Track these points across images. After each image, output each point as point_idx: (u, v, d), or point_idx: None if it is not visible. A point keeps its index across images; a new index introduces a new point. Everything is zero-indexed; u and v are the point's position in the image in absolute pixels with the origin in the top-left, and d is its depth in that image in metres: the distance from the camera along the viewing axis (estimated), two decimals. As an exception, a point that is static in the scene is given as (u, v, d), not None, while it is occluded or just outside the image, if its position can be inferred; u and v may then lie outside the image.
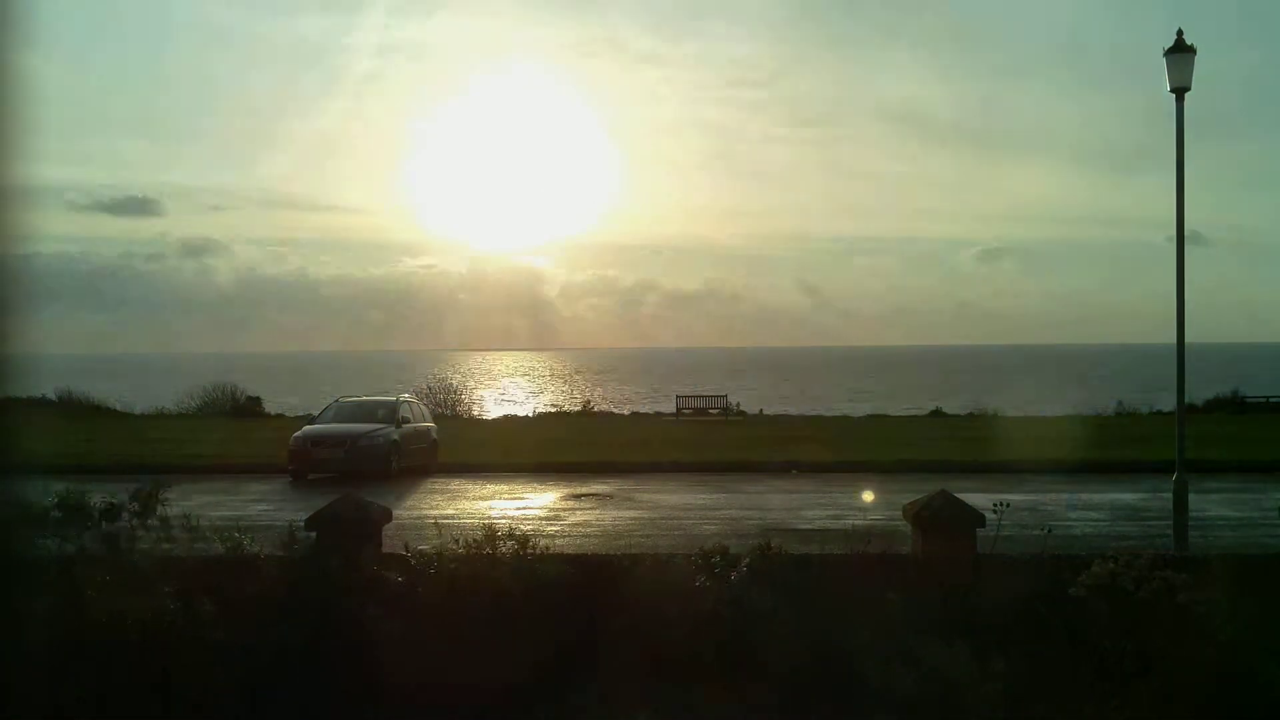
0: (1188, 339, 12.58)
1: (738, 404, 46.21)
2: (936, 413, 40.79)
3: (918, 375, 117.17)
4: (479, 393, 64.63)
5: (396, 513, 11.32)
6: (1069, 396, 51.60)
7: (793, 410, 58.67)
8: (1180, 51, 12.33)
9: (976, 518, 9.59)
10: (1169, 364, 13.02)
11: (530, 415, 45.33)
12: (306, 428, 21.03)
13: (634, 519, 15.17)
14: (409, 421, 21.38)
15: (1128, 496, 16.86)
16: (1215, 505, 15.70)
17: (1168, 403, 24.34)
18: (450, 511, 15.44)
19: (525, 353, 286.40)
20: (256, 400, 44.05)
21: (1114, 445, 23.03)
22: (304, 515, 9.99)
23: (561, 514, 15.72)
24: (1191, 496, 12.65)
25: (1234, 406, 38.89)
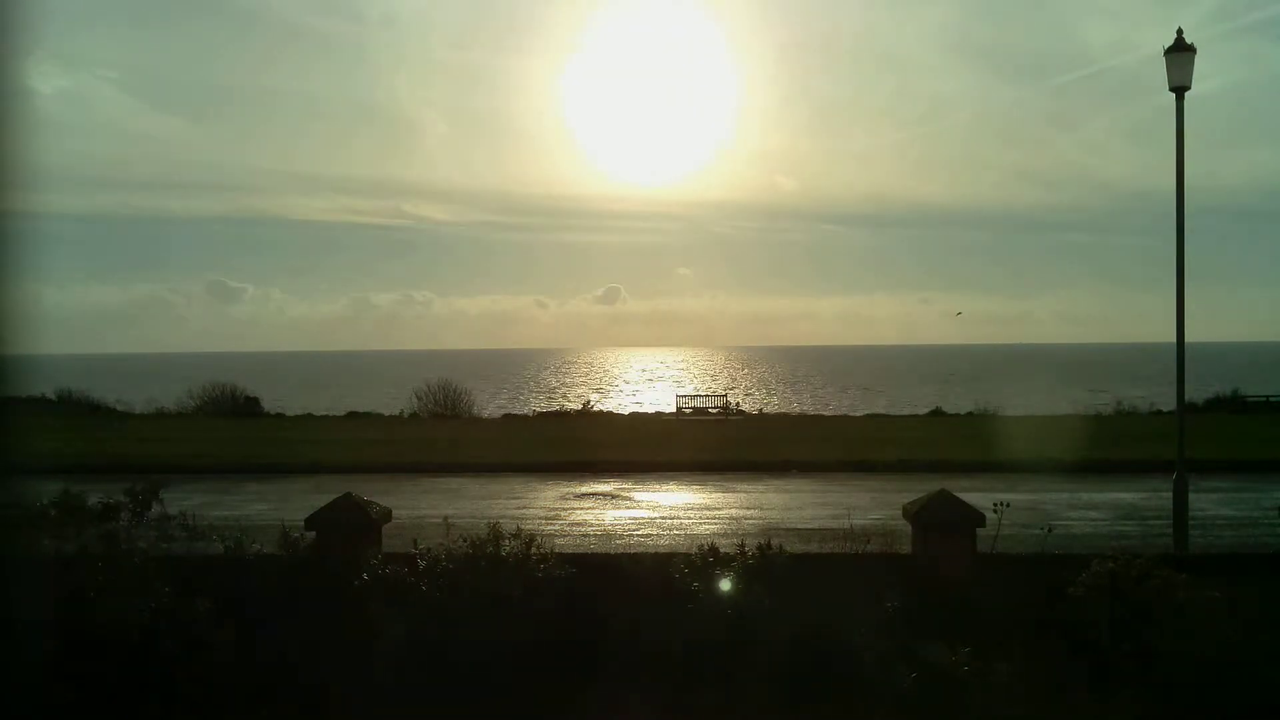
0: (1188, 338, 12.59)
1: (737, 404, 46.21)
2: (936, 412, 40.75)
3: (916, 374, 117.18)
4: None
5: (396, 513, 11.32)
6: (1069, 396, 51.60)
7: (793, 410, 58.70)
8: (1180, 51, 12.31)
9: (976, 517, 9.59)
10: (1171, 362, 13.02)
11: (530, 415, 45.31)
12: None
13: (634, 519, 15.17)
14: None
15: (1127, 496, 16.85)
16: (1215, 504, 15.70)
17: (1167, 402, 24.32)
18: (450, 511, 15.41)
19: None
20: (255, 400, 44.02)
21: (1114, 444, 23.02)
22: (304, 515, 9.99)
23: (561, 513, 15.71)
24: (1191, 496, 12.64)
25: (1234, 406, 38.85)
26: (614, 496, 17.46)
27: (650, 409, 54.74)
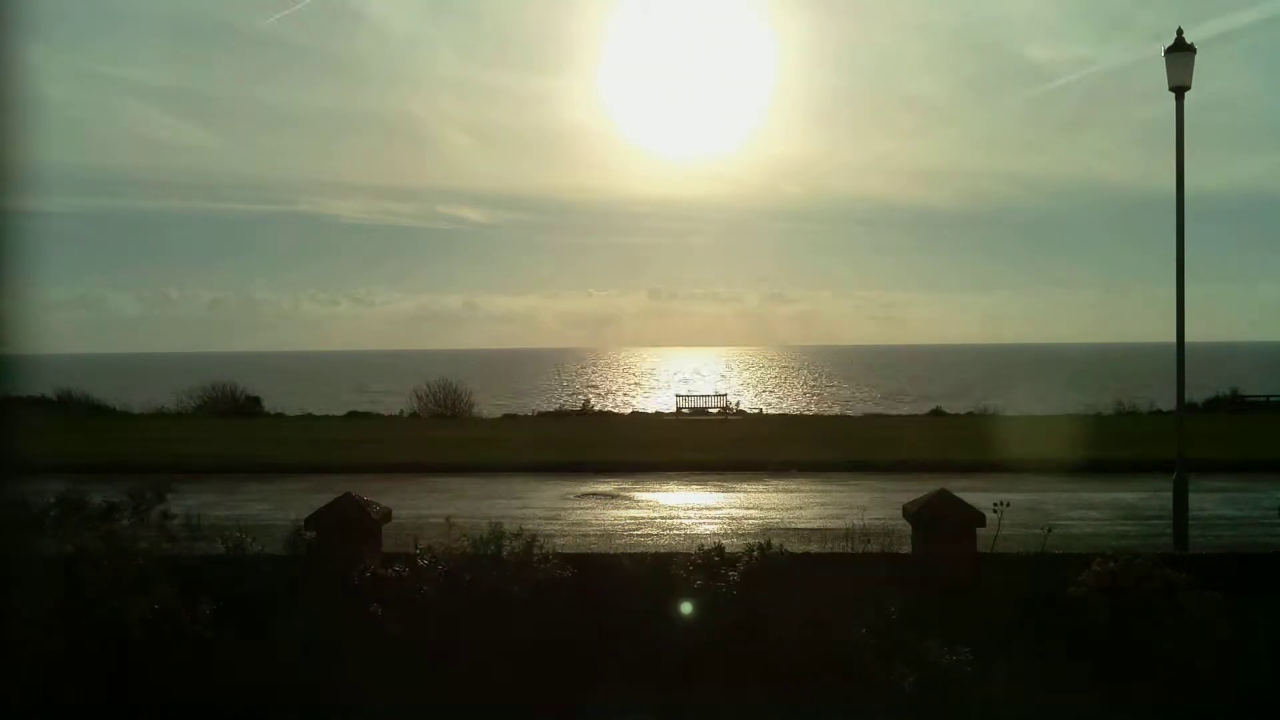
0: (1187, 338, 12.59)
1: (737, 403, 46.23)
2: (937, 412, 40.76)
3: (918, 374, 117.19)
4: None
5: (396, 513, 11.32)
6: (1069, 396, 51.59)
7: (793, 410, 58.72)
8: (1180, 51, 12.31)
9: (976, 517, 9.59)
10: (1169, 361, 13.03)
11: (531, 415, 45.31)
12: None
13: (634, 518, 15.18)
14: None
15: (1127, 495, 16.85)
16: (1215, 504, 15.70)
17: (1167, 402, 24.34)
18: (450, 511, 15.40)
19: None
20: (256, 400, 44.02)
21: (1114, 444, 23.02)
22: (304, 515, 9.99)
23: (561, 513, 15.71)
24: (1191, 495, 12.64)
25: (1234, 406, 38.85)
26: (614, 496, 17.45)
27: (651, 409, 54.75)
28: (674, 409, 43.91)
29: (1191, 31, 12.48)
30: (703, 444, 25.51)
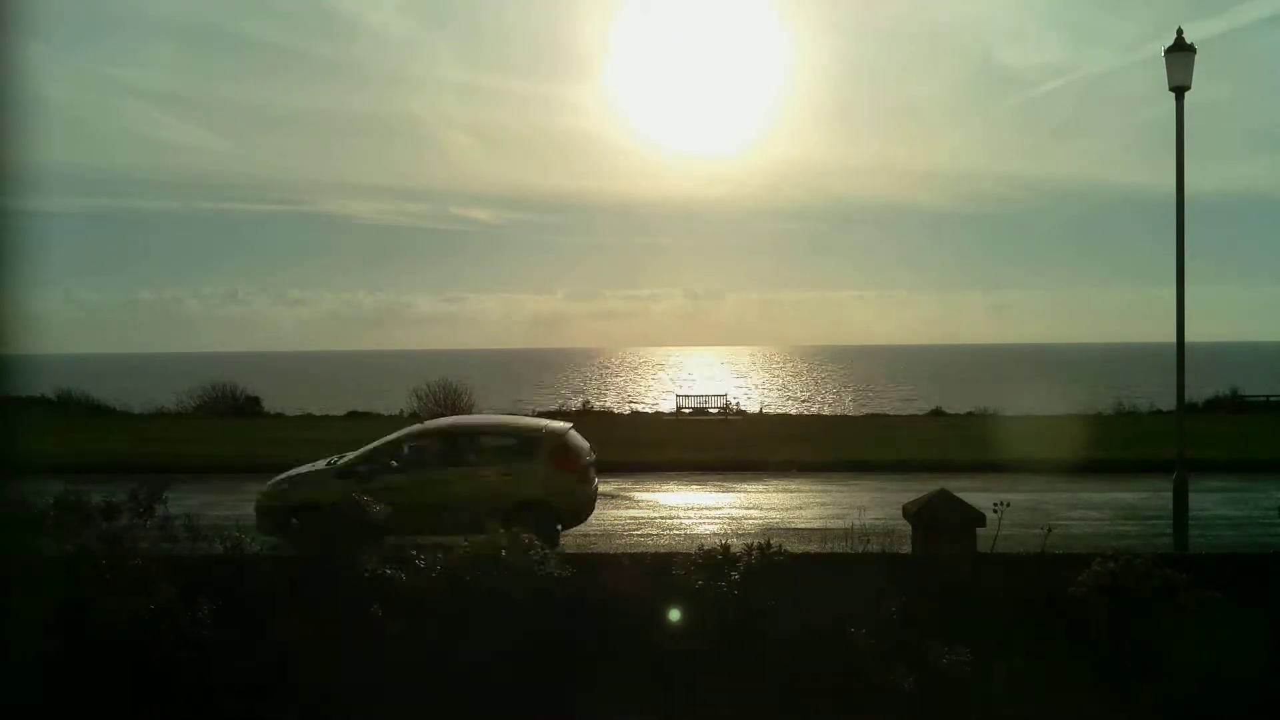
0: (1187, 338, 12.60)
1: (737, 403, 46.20)
2: (937, 412, 40.76)
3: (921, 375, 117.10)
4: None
5: (396, 512, 11.30)
6: (1069, 396, 51.59)
7: (792, 409, 58.70)
8: (1180, 51, 12.31)
9: (976, 517, 9.59)
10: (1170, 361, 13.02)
11: (529, 414, 45.27)
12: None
13: (634, 518, 15.18)
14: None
15: (1128, 495, 16.86)
16: (1215, 504, 15.71)
17: (1167, 402, 24.32)
18: (450, 511, 15.39)
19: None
20: (256, 400, 44.04)
21: (1114, 445, 23.02)
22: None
23: (561, 513, 15.69)
24: (1191, 495, 12.64)
25: (1234, 406, 38.84)
26: (614, 496, 17.45)
27: (651, 408, 54.74)
28: (674, 408, 43.87)
29: (1191, 31, 12.48)
30: (703, 444, 25.49)
